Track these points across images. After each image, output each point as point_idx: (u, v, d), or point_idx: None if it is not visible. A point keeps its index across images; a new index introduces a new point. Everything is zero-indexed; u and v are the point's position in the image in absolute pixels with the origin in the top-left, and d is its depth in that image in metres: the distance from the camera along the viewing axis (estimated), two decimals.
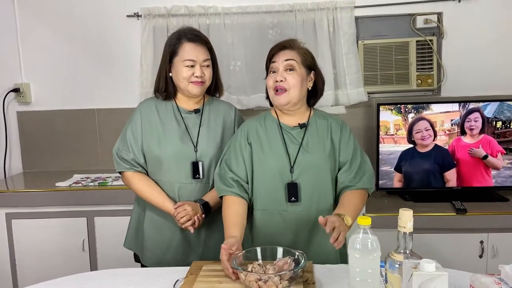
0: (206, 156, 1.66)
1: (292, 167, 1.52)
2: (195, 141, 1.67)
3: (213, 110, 1.73)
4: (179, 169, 1.64)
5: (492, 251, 2.17)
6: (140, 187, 1.66)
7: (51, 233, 2.34)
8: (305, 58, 1.53)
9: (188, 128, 1.68)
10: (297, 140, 1.55)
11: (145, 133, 1.66)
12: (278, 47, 1.55)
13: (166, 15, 2.61)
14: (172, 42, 1.66)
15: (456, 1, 2.54)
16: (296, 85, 1.49)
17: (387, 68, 2.61)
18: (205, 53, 1.66)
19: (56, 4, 2.70)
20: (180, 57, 1.63)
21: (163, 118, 1.68)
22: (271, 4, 2.59)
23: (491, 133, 2.34)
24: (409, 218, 0.99)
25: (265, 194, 1.54)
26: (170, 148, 1.64)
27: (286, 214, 1.52)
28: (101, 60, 2.73)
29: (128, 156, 1.66)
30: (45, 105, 2.77)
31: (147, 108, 1.70)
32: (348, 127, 1.62)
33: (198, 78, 1.62)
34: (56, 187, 2.35)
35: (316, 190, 1.52)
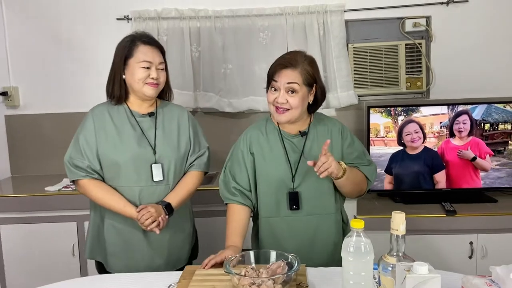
0: (165, 158, 1.67)
1: (293, 176, 1.55)
2: (152, 143, 1.67)
3: (167, 113, 1.75)
4: (138, 173, 1.64)
5: (482, 252, 2.20)
6: (98, 194, 1.64)
7: (41, 238, 2.31)
8: (307, 77, 1.52)
9: (144, 131, 1.68)
10: (298, 148, 1.58)
11: (100, 139, 1.64)
12: (280, 65, 1.52)
13: (157, 18, 2.60)
14: (127, 45, 1.66)
15: (445, 5, 2.57)
16: (297, 107, 1.51)
17: (377, 71, 2.63)
18: (160, 56, 1.68)
19: (45, 8, 2.68)
20: (135, 59, 1.63)
21: (117, 123, 1.67)
22: (262, 7, 2.59)
23: (479, 135, 2.37)
24: (402, 221, 1.00)
25: (268, 202, 1.58)
26: (128, 152, 1.63)
27: (289, 221, 1.56)
28: (90, 62, 2.71)
29: (83, 164, 1.63)
30: (34, 108, 2.75)
31: (100, 114, 1.69)
32: (347, 129, 1.65)
33: (153, 80, 1.63)
34: (45, 192, 2.32)
35: (317, 197, 1.56)
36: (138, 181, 1.64)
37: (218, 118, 2.72)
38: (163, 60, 1.69)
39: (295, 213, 1.55)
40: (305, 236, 1.56)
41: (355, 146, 1.64)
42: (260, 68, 2.62)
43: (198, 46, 2.62)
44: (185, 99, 2.61)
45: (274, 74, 1.53)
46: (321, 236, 1.57)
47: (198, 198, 2.24)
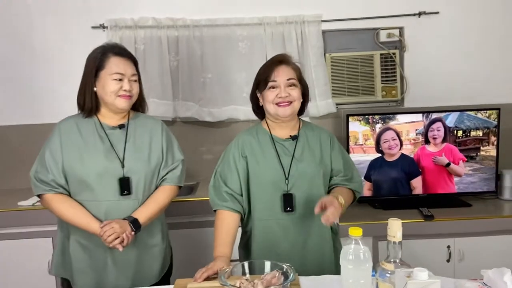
0: (134, 172, 1.62)
1: (287, 178, 1.58)
2: (121, 157, 1.62)
3: (139, 126, 1.70)
4: (104, 187, 1.59)
5: (459, 255, 2.26)
6: (62, 209, 1.59)
7: (14, 255, 2.21)
8: (298, 74, 1.63)
9: (113, 144, 1.63)
10: (289, 151, 1.62)
11: (66, 153, 1.60)
12: (275, 63, 1.61)
13: (134, 26, 2.57)
14: (98, 56, 1.63)
15: (417, 17, 2.67)
16: (298, 98, 1.60)
17: (353, 80, 2.69)
18: (132, 68, 1.64)
19: (16, 14, 2.58)
20: (107, 71, 1.60)
21: (84, 136, 1.63)
22: (241, 17, 2.61)
23: (453, 142, 2.46)
24: (398, 228, 1.02)
25: (261, 204, 1.60)
26: (94, 165, 1.58)
27: (282, 222, 1.58)
28: (65, 72, 2.62)
29: (47, 178, 1.59)
30: (5, 120, 2.64)
31: (67, 127, 1.65)
32: (335, 138, 1.72)
33: (126, 92, 1.60)
34: (18, 207, 2.22)
35: (310, 198, 1.58)
36: (105, 196, 1.59)
37: (198, 128, 2.70)
38: (136, 72, 1.66)
39: (289, 215, 1.57)
40: (298, 237, 1.59)
41: (343, 156, 1.70)
42: (240, 77, 2.63)
43: (177, 55, 2.60)
44: (164, 108, 2.58)
45: (271, 75, 1.59)
46: (314, 238, 1.60)
47: (180, 209, 2.22)
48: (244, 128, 2.57)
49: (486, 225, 2.25)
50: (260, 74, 1.63)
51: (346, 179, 1.67)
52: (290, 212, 1.57)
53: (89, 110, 1.64)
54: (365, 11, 2.65)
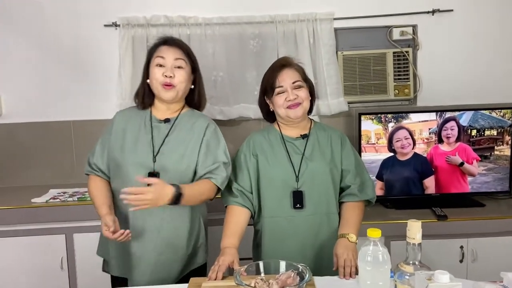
0: (163, 168, 1.60)
1: (297, 176, 1.59)
2: (156, 151, 1.62)
3: (187, 122, 1.68)
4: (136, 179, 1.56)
5: (472, 256, 2.24)
6: (90, 188, 1.67)
7: (28, 252, 2.22)
8: (303, 74, 1.66)
9: (154, 137, 1.64)
10: (299, 150, 1.64)
11: (113, 140, 1.66)
12: (277, 67, 1.64)
13: (146, 25, 2.57)
14: (150, 49, 1.70)
15: (430, 14, 2.64)
16: (307, 98, 1.63)
17: (365, 78, 2.67)
18: (177, 53, 1.64)
19: (29, 13, 2.59)
20: (153, 59, 1.65)
21: (132, 126, 1.67)
22: (252, 15, 2.59)
23: (466, 141, 2.43)
24: (418, 229, 1.01)
25: (272, 202, 1.62)
26: (130, 156, 1.61)
27: (292, 219, 1.60)
28: (77, 70, 2.64)
29: (91, 160, 1.69)
30: (18, 117, 2.65)
31: (121, 116, 1.71)
32: (347, 138, 1.73)
33: (167, 78, 1.59)
34: (32, 204, 2.24)
35: (320, 196, 1.61)
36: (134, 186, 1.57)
37: None
38: (182, 57, 1.63)
39: (298, 212, 1.59)
40: (308, 234, 1.60)
41: (355, 157, 1.70)
42: (251, 75, 2.62)
43: None
44: None
45: (275, 80, 1.62)
46: (324, 235, 1.61)
47: None
48: (254, 126, 2.62)
49: (499, 225, 2.23)
50: (266, 81, 1.66)
51: (358, 188, 1.65)
52: (300, 208, 1.59)
53: (141, 102, 1.69)
54: (378, 9, 2.63)
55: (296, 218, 1.59)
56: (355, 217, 1.60)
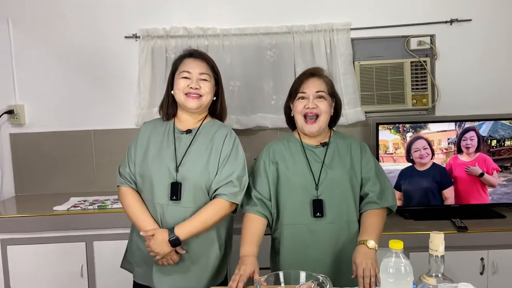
0: (186, 178, 1.61)
1: (317, 184, 1.60)
2: (179, 161, 1.63)
3: (209, 133, 1.70)
4: (159, 189, 1.61)
5: (493, 268, 2.20)
6: (128, 203, 1.66)
7: (48, 259, 2.26)
8: (330, 87, 1.67)
9: (177, 148, 1.66)
10: (319, 158, 1.65)
11: (138, 151, 1.68)
12: (306, 74, 1.67)
13: (165, 36, 2.61)
14: (175, 61, 1.74)
15: (448, 24, 2.63)
16: (326, 111, 1.63)
17: (383, 88, 2.66)
18: (203, 67, 1.68)
19: (52, 25, 2.67)
20: (178, 71, 1.69)
21: (155, 137, 1.70)
22: (269, 26, 2.62)
23: (486, 151, 2.40)
24: (441, 242, 1.01)
25: (291, 209, 1.62)
26: (153, 166, 1.63)
27: (312, 227, 1.60)
28: (98, 80, 2.70)
29: (124, 171, 1.68)
30: (40, 127, 2.72)
31: (146, 128, 1.74)
32: (367, 147, 1.73)
33: (192, 89, 1.63)
34: (54, 211, 2.28)
35: (339, 205, 1.61)
36: (159, 198, 1.61)
37: None
38: (207, 72, 1.68)
39: (318, 220, 1.59)
40: (328, 243, 1.60)
41: (375, 165, 1.70)
42: (268, 85, 2.64)
43: None
44: None
45: (301, 86, 1.65)
46: (344, 244, 1.61)
47: None
48: (271, 135, 2.64)
49: None
50: (292, 86, 1.69)
51: (377, 195, 1.64)
52: (320, 217, 1.58)
53: (166, 113, 1.72)
54: (395, 19, 2.63)
55: (316, 226, 1.60)
56: (375, 224, 1.59)
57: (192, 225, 1.58)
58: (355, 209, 1.65)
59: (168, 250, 1.56)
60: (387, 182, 1.71)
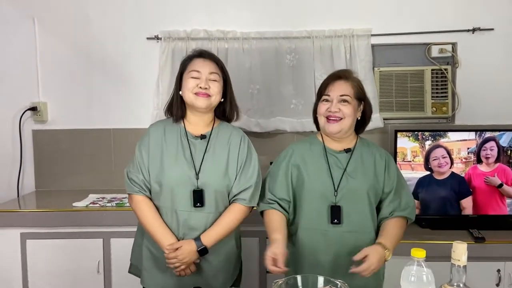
0: (207, 185, 1.61)
1: (336, 191, 1.58)
2: (198, 168, 1.63)
3: (221, 137, 1.69)
4: (180, 197, 1.61)
5: (509, 280, 2.17)
6: (144, 213, 1.63)
7: (66, 254, 2.30)
8: (358, 91, 1.62)
9: (193, 154, 1.64)
10: (342, 164, 1.62)
11: (151, 156, 1.64)
12: (333, 77, 1.63)
13: (186, 38, 2.65)
14: (184, 61, 1.71)
15: (470, 32, 2.61)
16: (350, 115, 1.59)
17: (402, 95, 2.65)
18: (212, 67, 1.66)
19: (76, 25, 2.73)
20: (187, 71, 1.66)
21: (169, 142, 1.65)
22: (289, 30, 2.63)
23: (506, 162, 2.37)
24: (464, 251, 1.00)
25: (308, 214, 1.61)
26: (173, 174, 1.61)
27: (328, 234, 1.59)
28: (118, 80, 2.75)
29: (138, 178, 1.63)
30: (61, 124, 2.77)
31: (156, 131, 1.68)
32: (392, 159, 1.70)
33: (202, 89, 1.61)
34: (73, 207, 2.32)
35: (357, 215, 1.59)
36: (180, 205, 1.61)
37: None
38: (216, 71, 1.66)
39: (335, 227, 1.57)
40: (342, 251, 1.58)
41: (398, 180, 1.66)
42: (287, 89, 2.65)
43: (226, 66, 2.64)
44: None
45: (326, 87, 1.62)
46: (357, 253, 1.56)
47: None
48: (290, 139, 2.65)
49: None
50: (319, 87, 1.67)
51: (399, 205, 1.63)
52: (337, 224, 1.57)
53: (176, 115, 1.68)
54: (416, 26, 2.62)
55: (332, 233, 1.58)
56: (394, 229, 1.58)
57: (218, 233, 1.62)
58: (372, 220, 1.62)
59: (194, 260, 1.60)
60: (408, 197, 1.67)
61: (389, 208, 1.63)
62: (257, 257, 2.29)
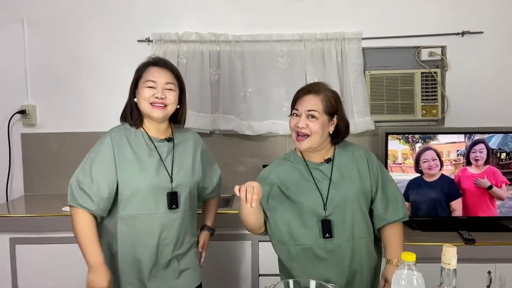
0: (180, 186, 1.66)
1: (325, 204, 1.56)
2: (170, 171, 1.65)
3: (182, 139, 1.76)
4: (155, 201, 1.61)
5: (500, 282, 2.19)
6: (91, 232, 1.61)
7: (56, 259, 2.28)
8: (328, 105, 1.57)
9: (162, 157, 1.65)
10: (326, 175, 1.60)
11: (119, 165, 1.60)
12: (303, 91, 1.60)
13: (177, 41, 2.64)
14: (139, 68, 1.69)
15: (460, 36, 2.64)
16: (317, 132, 1.55)
17: (393, 98, 2.67)
18: (168, 77, 1.64)
19: (66, 28, 2.70)
20: (143, 79, 1.64)
21: (135, 149, 1.63)
22: (281, 33, 2.64)
23: (495, 164, 2.40)
24: (454, 255, 1.01)
25: (300, 231, 1.57)
26: (148, 180, 1.60)
27: (321, 248, 1.56)
28: (109, 83, 2.73)
29: (90, 190, 1.57)
30: (51, 127, 2.74)
31: (118, 138, 1.64)
32: (373, 155, 1.68)
33: (158, 99, 1.60)
34: (62, 212, 2.30)
35: (350, 223, 1.57)
36: (156, 209, 1.62)
37: (235, 140, 2.73)
38: (172, 81, 1.64)
39: (328, 241, 1.55)
40: (338, 263, 1.56)
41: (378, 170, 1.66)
42: (279, 92, 2.65)
43: (218, 69, 2.65)
44: (202, 121, 2.63)
45: (296, 101, 1.60)
46: (355, 262, 1.58)
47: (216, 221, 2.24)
48: (282, 142, 2.65)
49: None
50: (292, 101, 1.64)
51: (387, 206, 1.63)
52: (329, 238, 1.55)
53: (131, 120, 1.67)
54: (406, 30, 2.64)
55: (325, 247, 1.56)
56: (395, 240, 1.61)
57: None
58: (366, 224, 1.61)
59: None
60: (395, 192, 1.67)
61: (381, 208, 1.63)
62: (250, 260, 2.29)
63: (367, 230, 1.62)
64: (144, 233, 1.62)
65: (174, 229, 1.66)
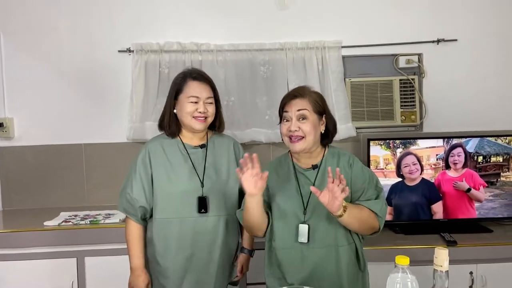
0: (211, 191, 1.75)
1: (305, 209, 1.58)
2: (201, 176, 1.76)
3: (217, 145, 1.85)
4: (186, 205, 1.73)
5: (481, 282, 2.25)
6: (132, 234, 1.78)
7: (38, 275, 2.21)
8: (316, 105, 1.60)
9: (194, 163, 1.77)
10: (310, 181, 1.62)
11: (155, 172, 1.75)
12: (289, 96, 1.62)
13: (159, 51, 2.63)
14: (178, 81, 1.80)
15: (435, 44, 2.72)
16: (310, 133, 1.57)
17: (373, 104, 2.73)
18: (208, 91, 1.78)
19: (44, 37, 2.66)
20: (185, 94, 1.76)
21: (170, 156, 1.78)
22: (263, 42, 2.67)
23: (473, 167, 2.47)
24: (446, 257, 1.04)
25: (281, 233, 1.61)
26: (179, 184, 1.74)
27: (299, 252, 1.58)
28: (90, 94, 2.69)
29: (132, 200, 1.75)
30: (29, 140, 2.68)
31: (154, 148, 1.79)
32: (357, 159, 1.68)
33: (201, 113, 1.74)
34: (44, 227, 2.24)
35: (329, 229, 1.58)
36: (187, 213, 1.73)
37: None
38: (212, 95, 1.78)
39: (304, 245, 1.57)
40: (315, 268, 1.57)
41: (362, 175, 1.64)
42: (261, 100, 2.67)
43: None
44: None
45: (284, 106, 1.62)
46: (331, 269, 1.58)
47: None
48: (265, 150, 2.67)
49: (508, 251, 2.24)
50: (279, 108, 1.65)
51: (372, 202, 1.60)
52: (305, 243, 1.56)
53: (171, 132, 1.79)
54: (384, 38, 2.71)
55: (302, 251, 1.57)
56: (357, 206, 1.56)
57: None
58: (345, 232, 1.60)
59: None
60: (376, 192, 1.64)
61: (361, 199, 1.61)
62: None
63: (346, 239, 1.60)
64: (177, 236, 1.74)
65: (207, 233, 1.75)
